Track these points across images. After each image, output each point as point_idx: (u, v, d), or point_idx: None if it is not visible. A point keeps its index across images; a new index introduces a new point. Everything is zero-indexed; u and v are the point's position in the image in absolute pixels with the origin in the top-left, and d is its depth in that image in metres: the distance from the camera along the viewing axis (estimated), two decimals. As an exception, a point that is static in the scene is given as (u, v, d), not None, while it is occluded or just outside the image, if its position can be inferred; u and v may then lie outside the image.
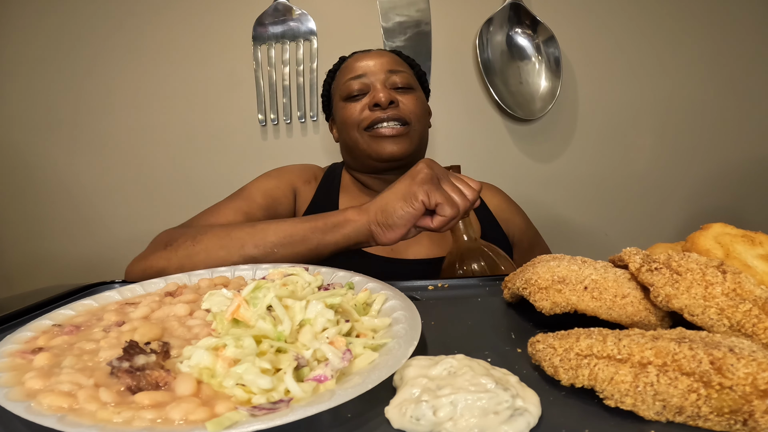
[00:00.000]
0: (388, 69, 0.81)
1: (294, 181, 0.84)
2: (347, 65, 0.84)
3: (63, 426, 0.25)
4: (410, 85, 0.81)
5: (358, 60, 0.83)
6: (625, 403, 0.27)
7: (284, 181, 0.83)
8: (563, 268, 0.41)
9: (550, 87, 1.26)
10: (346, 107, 0.81)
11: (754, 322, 0.31)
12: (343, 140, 0.85)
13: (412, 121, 0.79)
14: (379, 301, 0.42)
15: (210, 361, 0.30)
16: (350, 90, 0.80)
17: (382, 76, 0.80)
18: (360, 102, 0.80)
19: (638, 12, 1.30)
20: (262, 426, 0.25)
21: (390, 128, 0.77)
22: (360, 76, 0.80)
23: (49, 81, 1.27)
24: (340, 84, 0.83)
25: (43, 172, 1.29)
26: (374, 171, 0.84)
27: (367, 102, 0.79)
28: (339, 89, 0.83)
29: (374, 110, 0.77)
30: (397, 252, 0.77)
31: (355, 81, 0.80)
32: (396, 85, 0.80)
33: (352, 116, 0.79)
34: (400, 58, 0.86)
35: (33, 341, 0.36)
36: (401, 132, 0.77)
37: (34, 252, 1.31)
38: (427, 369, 0.30)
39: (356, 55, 0.85)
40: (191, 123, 1.28)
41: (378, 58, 0.82)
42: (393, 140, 0.77)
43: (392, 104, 0.77)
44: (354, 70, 0.82)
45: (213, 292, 0.41)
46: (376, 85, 0.79)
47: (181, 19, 1.26)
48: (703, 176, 1.34)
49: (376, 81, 0.80)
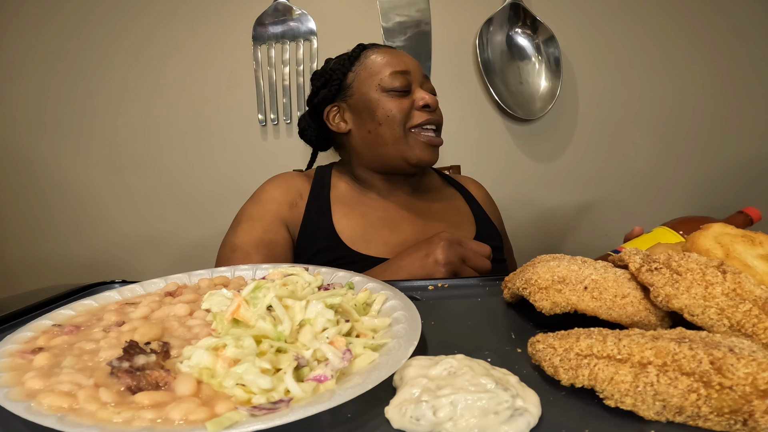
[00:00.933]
0: (423, 74, 0.82)
1: (280, 212, 0.79)
2: (385, 57, 0.81)
3: (63, 426, 0.25)
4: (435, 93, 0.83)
5: (397, 55, 0.82)
6: (625, 403, 0.27)
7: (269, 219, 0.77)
8: (563, 268, 0.41)
9: (550, 87, 1.26)
10: (390, 100, 0.78)
11: (754, 322, 0.31)
12: (375, 133, 0.79)
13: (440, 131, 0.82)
14: (379, 301, 0.42)
15: (210, 361, 0.30)
16: (396, 84, 0.78)
17: (421, 78, 0.81)
18: (406, 99, 0.78)
19: (638, 12, 1.30)
20: (262, 426, 0.25)
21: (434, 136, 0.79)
22: (406, 72, 0.79)
23: (51, 81, 1.27)
24: (381, 74, 0.79)
25: (43, 172, 1.29)
26: (393, 171, 0.82)
27: (413, 99, 0.78)
28: (378, 78, 0.79)
29: (423, 111, 0.78)
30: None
31: (401, 75, 0.78)
32: (430, 91, 0.81)
33: (401, 111, 0.77)
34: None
35: (33, 341, 0.36)
36: (438, 143, 0.80)
37: (35, 252, 1.31)
38: (427, 369, 0.30)
39: (391, 50, 0.83)
40: (191, 123, 1.28)
41: (412, 59, 0.83)
42: (431, 150, 0.79)
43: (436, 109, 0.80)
44: (398, 65, 0.80)
45: (213, 292, 0.41)
46: (417, 86, 0.79)
47: (182, 20, 1.26)
48: (703, 176, 1.34)
49: (417, 82, 0.80)
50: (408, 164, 0.79)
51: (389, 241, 0.77)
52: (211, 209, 1.29)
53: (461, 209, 0.88)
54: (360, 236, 0.77)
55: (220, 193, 1.29)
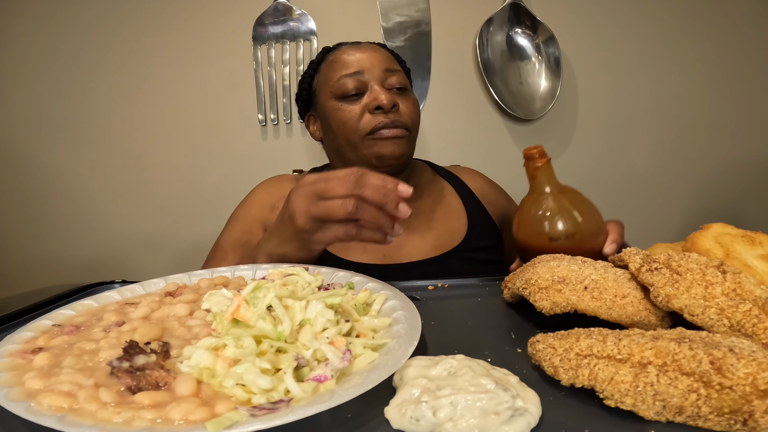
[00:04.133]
0: (385, 67, 0.74)
1: (261, 214, 0.78)
2: (337, 59, 0.76)
3: (63, 426, 0.25)
4: (406, 86, 0.76)
5: (350, 53, 0.75)
6: (625, 403, 0.27)
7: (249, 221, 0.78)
8: (563, 268, 0.41)
9: (550, 87, 1.26)
10: (341, 108, 0.73)
11: (754, 322, 0.31)
12: (335, 143, 0.76)
13: (410, 127, 0.74)
14: (379, 301, 0.42)
15: (210, 361, 0.30)
16: (346, 89, 0.73)
17: (380, 74, 0.74)
18: (358, 103, 0.73)
19: (638, 12, 1.30)
20: (262, 426, 0.25)
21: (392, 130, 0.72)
22: (357, 73, 0.73)
23: (50, 81, 1.27)
24: (332, 80, 0.75)
25: (43, 172, 1.29)
26: None
27: (366, 103, 0.72)
28: (330, 86, 0.75)
29: (376, 113, 0.72)
30: (390, 258, 0.74)
31: (351, 78, 0.73)
32: (393, 86, 0.74)
33: (351, 119, 0.72)
34: (392, 55, 0.80)
35: (33, 341, 0.36)
36: (402, 134, 0.73)
37: (34, 252, 1.31)
38: (427, 369, 0.30)
39: (346, 48, 0.77)
40: (191, 123, 1.28)
41: (373, 53, 0.75)
42: (393, 141, 0.72)
43: (394, 107, 0.72)
44: (348, 66, 0.74)
45: (213, 292, 0.41)
46: (374, 85, 0.73)
47: (182, 19, 1.26)
48: (703, 176, 1.34)
49: (374, 80, 0.73)
50: (380, 163, 0.73)
51: (368, 245, 0.73)
52: (211, 209, 1.29)
53: (452, 204, 0.82)
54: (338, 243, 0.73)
55: (220, 193, 1.29)
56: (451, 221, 0.79)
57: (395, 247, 0.74)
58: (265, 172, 0.97)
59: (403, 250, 0.75)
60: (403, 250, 0.75)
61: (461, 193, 0.84)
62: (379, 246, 0.73)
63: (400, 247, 0.75)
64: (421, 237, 0.76)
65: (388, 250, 0.73)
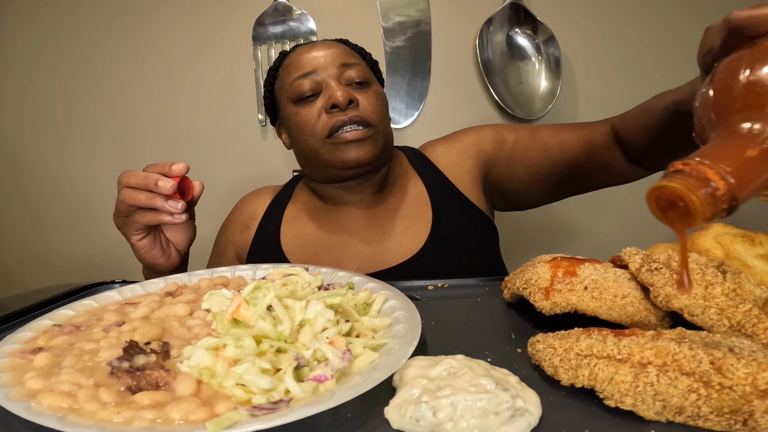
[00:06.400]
0: (340, 62, 0.70)
1: (232, 238, 0.81)
2: (291, 61, 0.72)
3: (63, 426, 0.25)
4: (367, 79, 0.71)
5: (303, 54, 0.71)
6: (625, 403, 0.27)
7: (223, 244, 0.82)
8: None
9: (550, 87, 1.26)
10: (298, 112, 0.69)
11: (754, 322, 0.31)
12: (299, 149, 0.73)
13: (374, 123, 0.69)
14: (379, 301, 0.42)
15: (210, 361, 0.30)
16: (300, 91, 0.68)
17: (335, 70, 0.69)
18: (314, 104, 0.68)
19: (638, 12, 1.30)
20: (262, 426, 0.25)
21: (353, 132, 0.66)
22: (309, 73, 0.69)
23: (50, 81, 1.27)
24: (287, 84, 0.71)
25: (43, 172, 1.29)
26: (337, 180, 0.72)
27: (322, 104, 0.68)
28: (286, 90, 0.71)
29: (332, 113, 0.67)
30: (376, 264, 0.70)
31: (304, 80, 0.68)
32: (352, 81, 0.69)
33: (308, 123, 0.68)
34: (350, 48, 0.75)
35: (33, 341, 0.37)
36: (365, 135, 0.67)
37: (34, 252, 1.31)
38: (427, 369, 0.30)
39: (300, 49, 0.73)
40: (191, 123, 1.28)
41: (326, 50, 0.71)
42: (357, 144, 0.67)
43: (351, 104, 0.67)
44: (301, 67, 0.70)
45: (213, 292, 0.41)
46: (329, 82, 0.68)
47: (181, 19, 1.26)
48: (703, 176, 1.34)
49: (329, 77, 0.68)
50: (344, 168, 0.69)
51: (341, 260, 0.71)
52: (211, 209, 1.29)
53: (420, 197, 0.75)
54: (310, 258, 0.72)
55: (220, 193, 1.29)
56: (418, 214, 0.74)
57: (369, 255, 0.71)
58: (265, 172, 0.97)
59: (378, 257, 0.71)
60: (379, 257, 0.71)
61: (426, 178, 0.77)
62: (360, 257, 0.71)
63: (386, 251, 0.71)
64: (395, 240, 0.72)
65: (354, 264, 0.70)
